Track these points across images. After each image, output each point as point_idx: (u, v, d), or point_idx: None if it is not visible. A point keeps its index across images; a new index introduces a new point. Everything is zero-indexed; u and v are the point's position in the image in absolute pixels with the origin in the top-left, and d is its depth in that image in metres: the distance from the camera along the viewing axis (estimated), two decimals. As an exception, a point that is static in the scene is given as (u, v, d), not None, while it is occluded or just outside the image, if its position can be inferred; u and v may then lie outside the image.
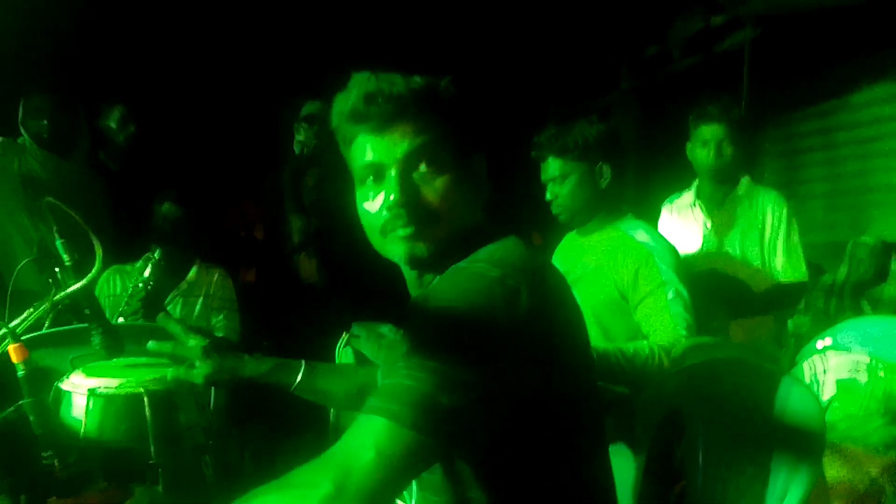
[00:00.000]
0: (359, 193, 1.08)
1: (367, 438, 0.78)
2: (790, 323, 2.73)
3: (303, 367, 1.41)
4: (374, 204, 1.04)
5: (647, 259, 1.88)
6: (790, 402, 1.16)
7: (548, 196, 2.02)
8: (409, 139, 1.01)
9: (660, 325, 1.81)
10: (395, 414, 0.79)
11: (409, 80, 1.02)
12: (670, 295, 1.83)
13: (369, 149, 1.03)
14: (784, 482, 1.13)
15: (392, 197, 1.00)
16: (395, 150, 1.01)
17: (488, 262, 0.93)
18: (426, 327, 0.89)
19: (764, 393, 1.24)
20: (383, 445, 0.77)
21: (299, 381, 1.40)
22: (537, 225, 3.11)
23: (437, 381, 0.81)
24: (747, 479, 1.23)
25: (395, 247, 1.04)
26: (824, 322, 2.68)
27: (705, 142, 2.45)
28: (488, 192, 1.12)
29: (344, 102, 1.04)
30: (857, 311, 2.64)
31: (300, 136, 3.28)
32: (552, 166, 1.98)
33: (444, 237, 1.02)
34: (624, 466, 1.44)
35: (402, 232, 1.01)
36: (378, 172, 1.03)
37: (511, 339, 0.88)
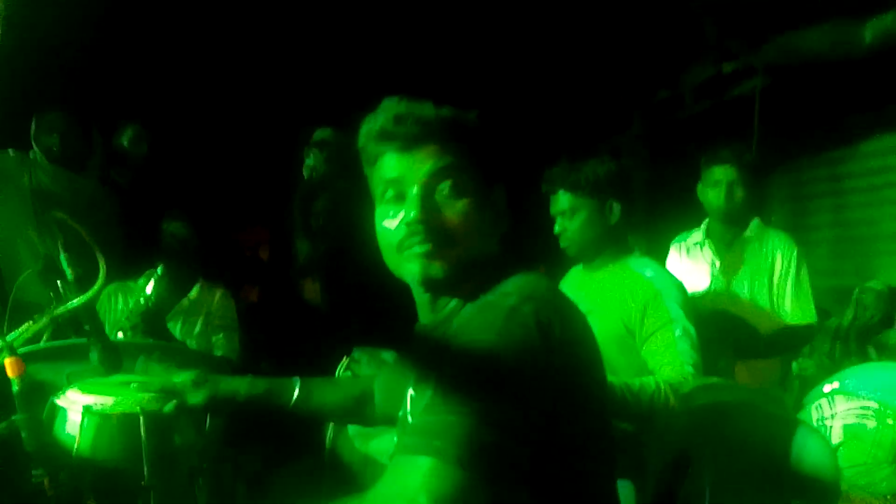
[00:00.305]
0: (378, 211, 1.08)
1: (416, 481, 0.76)
2: (794, 365, 2.70)
3: (298, 384, 1.40)
4: (392, 221, 1.05)
5: (655, 296, 1.86)
6: (805, 451, 1.14)
7: (556, 229, 2.02)
8: (433, 159, 1.02)
9: (667, 362, 1.79)
10: (438, 450, 0.77)
11: (439, 108, 1.04)
12: (678, 332, 1.81)
13: (393, 166, 1.04)
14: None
15: (412, 214, 1.01)
16: (419, 168, 1.02)
17: (519, 295, 0.93)
18: (464, 363, 0.88)
19: (776, 439, 1.21)
20: (435, 488, 0.76)
21: (296, 398, 1.39)
22: (542, 258, 3.10)
23: (481, 418, 0.80)
24: (753, 527, 1.20)
25: (410, 265, 1.03)
26: (828, 366, 2.65)
27: (716, 183, 2.46)
28: (507, 225, 1.12)
29: (373, 122, 1.06)
30: (863, 356, 2.61)
31: (310, 161, 3.30)
32: (563, 200, 1.98)
33: (459, 260, 1.02)
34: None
35: (418, 249, 1.01)
36: (400, 190, 1.04)
37: (546, 374, 0.88)
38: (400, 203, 1.04)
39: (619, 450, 1.58)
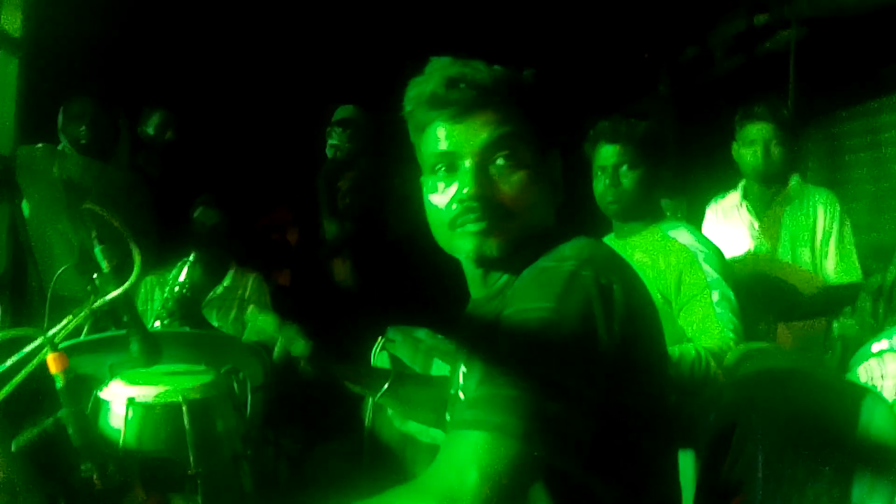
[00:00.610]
0: (427, 184, 1.02)
1: (467, 456, 0.74)
2: (835, 325, 2.63)
3: (390, 380, 1.37)
4: (443, 197, 0.99)
5: (691, 262, 1.82)
6: (866, 416, 1.10)
7: (608, 181, 1.94)
8: (489, 129, 0.96)
9: (706, 330, 1.75)
10: (497, 425, 0.74)
11: (492, 69, 0.97)
12: (716, 298, 1.77)
13: (444, 137, 0.97)
14: (858, 500, 1.07)
15: (466, 190, 0.95)
16: (473, 139, 0.96)
17: (578, 259, 0.88)
18: (521, 333, 0.84)
19: (832, 405, 1.17)
20: (487, 462, 0.73)
21: (384, 392, 1.38)
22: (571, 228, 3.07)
23: (542, 389, 0.77)
24: (813, 497, 1.16)
25: (463, 242, 0.99)
26: (871, 325, 2.58)
27: (752, 142, 2.39)
28: (562, 195, 1.06)
29: (422, 86, 0.99)
30: (906, 315, 2.53)
31: (333, 140, 3.28)
32: (624, 151, 1.92)
33: (516, 236, 0.97)
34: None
35: (472, 227, 0.96)
36: (451, 163, 0.98)
37: (609, 341, 0.84)
38: (451, 176, 0.98)
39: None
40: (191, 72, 3.77)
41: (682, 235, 1.90)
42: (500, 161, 0.96)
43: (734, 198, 2.56)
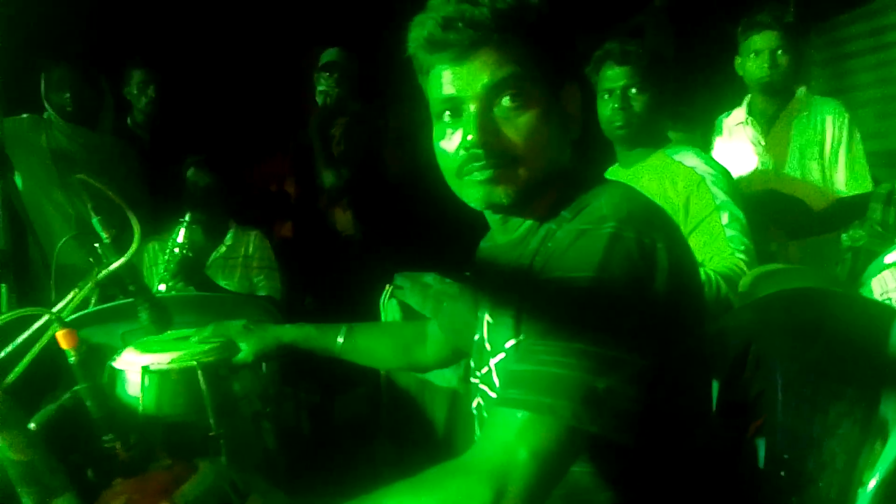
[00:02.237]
0: (435, 130, 0.97)
1: (519, 437, 0.72)
2: (844, 237, 2.60)
3: (343, 329, 1.38)
4: (450, 143, 0.94)
5: (699, 184, 1.78)
6: (885, 329, 1.08)
7: (616, 104, 1.87)
8: (490, 70, 0.89)
9: (716, 252, 1.72)
10: (550, 408, 0.72)
11: (494, 4, 0.88)
12: (725, 219, 1.74)
13: (447, 81, 0.92)
14: (883, 419, 1.06)
15: (470, 136, 0.90)
16: (475, 82, 0.90)
17: (617, 219, 0.83)
18: (564, 304, 0.80)
19: (850, 322, 1.16)
20: (539, 443, 0.72)
21: (342, 344, 1.38)
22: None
23: (589, 366, 0.74)
24: (835, 417, 1.16)
25: (471, 191, 0.95)
26: (881, 234, 2.55)
27: (758, 52, 2.31)
28: (579, 130, 1.00)
29: (420, 28, 0.92)
30: (918, 222, 2.50)
31: (321, 86, 3.19)
32: (633, 73, 1.85)
33: (526, 181, 0.92)
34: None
35: (479, 175, 0.92)
36: (456, 107, 0.93)
37: (657, 307, 0.80)
38: (457, 121, 0.93)
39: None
40: (172, 25, 3.65)
41: (689, 158, 1.85)
42: (505, 103, 0.91)
43: (739, 114, 2.50)
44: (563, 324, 0.78)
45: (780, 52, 2.29)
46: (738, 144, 2.49)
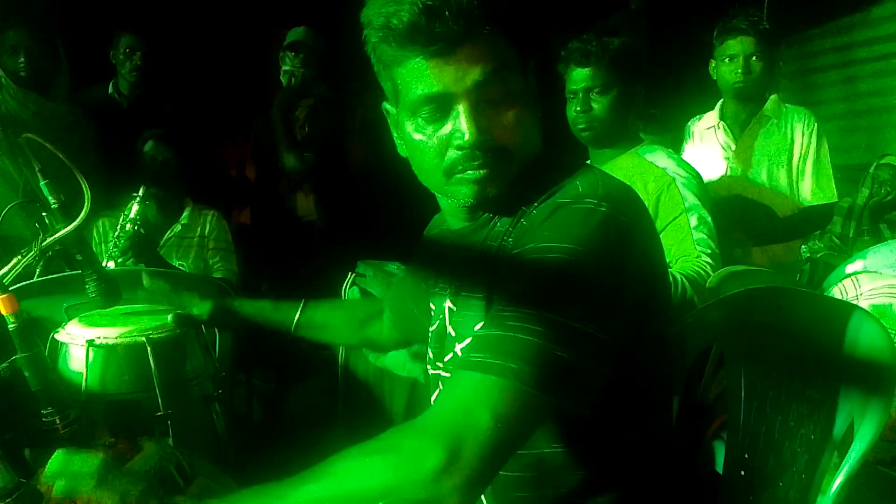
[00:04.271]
0: (410, 125, 0.91)
1: (478, 398, 0.70)
2: (804, 248, 2.65)
3: (300, 305, 1.35)
4: (434, 140, 0.89)
5: (670, 185, 1.78)
6: (849, 329, 1.07)
7: (578, 107, 1.86)
8: (480, 65, 0.84)
9: (683, 254, 1.73)
10: (514, 372, 0.70)
11: None
12: (693, 222, 1.74)
13: (429, 77, 0.85)
14: (846, 419, 1.06)
15: (467, 137, 0.85)
16: (464, 78, 0.84)
17: (593, 196, 0.82)
18: (534, 273, 0.79)
19: (815, 322, 1.15)
20: (500, 407, 0.69)
21: (298, 318, 1.34)
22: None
23: (557, 336, 0.72)
24: (797, 417, 1.16)
25: (463, 188, 0.90)
26: (839, 247, 2.60)
27: (732, 57, 2.32)
28: (540, 109, 0.97)
29: (392, 15, 0.83)
30: (876, 236, 2.56)
31: (286, 66, 3.11)
32: (595, 75, 1.83)
33: (514, 175, 0.90)
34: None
35: (474, 175, 0.88)
36: (441, 104, 0.87)
37: (628, 286, 0.80)
38: (441, 119, 0.87)
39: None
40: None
41: (661, 159, 1.85)
42: (493, 98, 0.87)
43: (710, 119, 2.52)
44: (534, 293, 0.77)
45: (754, 58, 2.31)
46: (708, 149, 2.50)
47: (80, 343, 1.22)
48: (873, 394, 1.03)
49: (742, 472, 1.26)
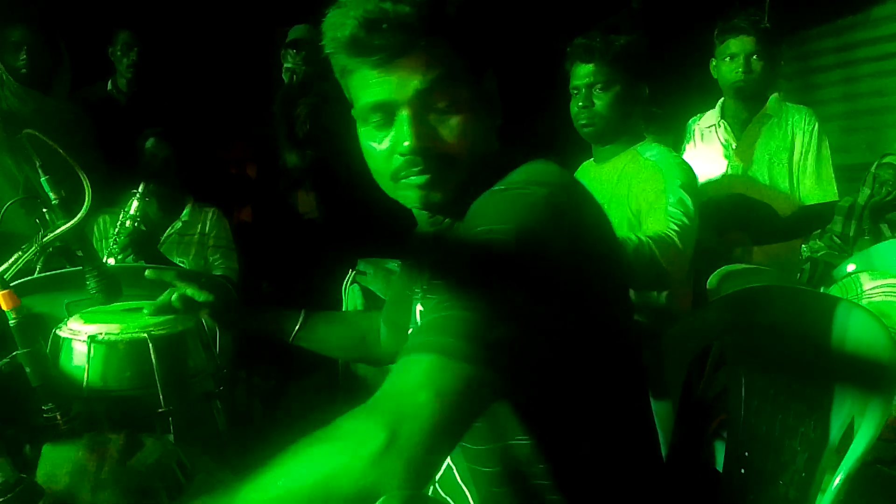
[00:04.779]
0: (362, 132, 0.95)
1: (417, 378, 0.69)
2: (804, 248, 2.65)
3: (300, 316, 1.35)
4: (381, 146, 0.93)
5: (654, 174, 1.79)
6: (849, 328, 1.08)
7: (581, 103, 1.87)
8: (421, 73, 0.87)
9: (652, 222, 1.72)
10: (448, 347, 0.70)
11: (415, 1, 0.86)
12: (671, 199, 1.73)
13: (374, 85, 0.89)
14: (846, 418, 1.06)
15: (406, 143, 0.89)
16: (405, 87, 0.88)
17: (528, 181, 0.84)
18: (471, 255, 0.80)
19: (816, 321, 1.15)
20: (438, 383, 0.69)
21: (298, 330, 1.35)
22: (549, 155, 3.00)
23: (491, 310, 0.73)
24: (797, 416, 1.16)
25: (408, 193, 0.94)
26: (840, 246, 2.61)
27: (733, 56, 2.33)
28: (501, 113, 1.00)
29: (339, 28, 0.88)
30: (877, 235, 2.56)
31: (288, 64, 3.11)
32: (598, 71, 1.84)
33: (460, 181, 0.93)
34: (657, 400, 1.38)
35: (416, 180, 0.92)
36: (385, 112, 0.91)
37: (560, 261, 0.80)
38: (387, 127, 0.92)
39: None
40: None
41: (650, 153, 1.86)
42: (436, 106, 0.90)
43: (711, 118, 2.52)
44: (465, 273, 0.79)
45: (754, 57, 2.31)
46: (709, 147, 2.51)
47: (82, 339, 1.22)
48: (873, 393, 1.03)
49: (742, 471, 1.26)
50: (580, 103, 1.87)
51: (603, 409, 0.95)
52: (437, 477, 1.06)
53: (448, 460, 1.03)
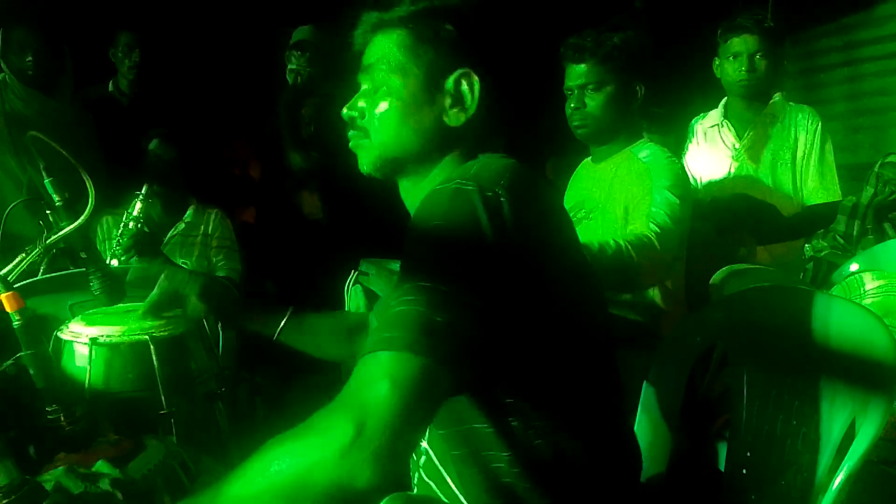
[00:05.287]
0: None
1: (375, 371, 0.73)
2: (807, 247, 2.64)
3: (287, 315, 1.35)
4: None
5: (642, 174, 1.78)
6: (851, 328, 1.07)
7: (573, 104, 1.87)
8: (367, 55, 1.07)
9: (635, 224, 1.72)
10: (394, 341, 0.74)
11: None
12: (656, 199, 1.72)
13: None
14: (848, 418, 1.06)
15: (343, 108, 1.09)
16: (362, 61, 1.08)
17: (463, 177, 0.87)
18: (410, 251, 0.84)
19: (818, 320, 1.15)
20: (394, 374, 0.72)
21: (282, 328, 1.35)
22: (549, 154, 3.01)
23: (428, 300, 0.76)
24: (799, 416, 1.16)
25: None
26: (843, 246, 2.60)
27: (736, 55, 2.32)
28: (467, 115, 1.03)
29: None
30: (880, 235, 2.55)
31: (292, 65, 3.12)
32: (589, 72, 1.83)
33: (379, 156, 1.06)
34: (660, 400, 1.38)
35: (350, 143, 1.10)
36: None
37: (496, 250, 0.83)
38: None
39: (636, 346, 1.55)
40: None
41: (643, 152, 1.85)
42: (369, 86, 1.06)
43: (714, 118, 2.51)
44: (407, 269, 0.82)
45: (758, 56, 2.31)
46: (712, 147, 2.50)
47: (83, 341, 1.22)
48: (875, 392, 1.03)
49: (744, 471, 1.26)
50: (573, 104, 1.87)
51: (562, 400, 0.95)
52: (421, 463, 1.08)
53: (426, 445, 1.06)
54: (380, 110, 1.03)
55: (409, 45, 1.02)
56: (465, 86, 1.02)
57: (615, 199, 1.83)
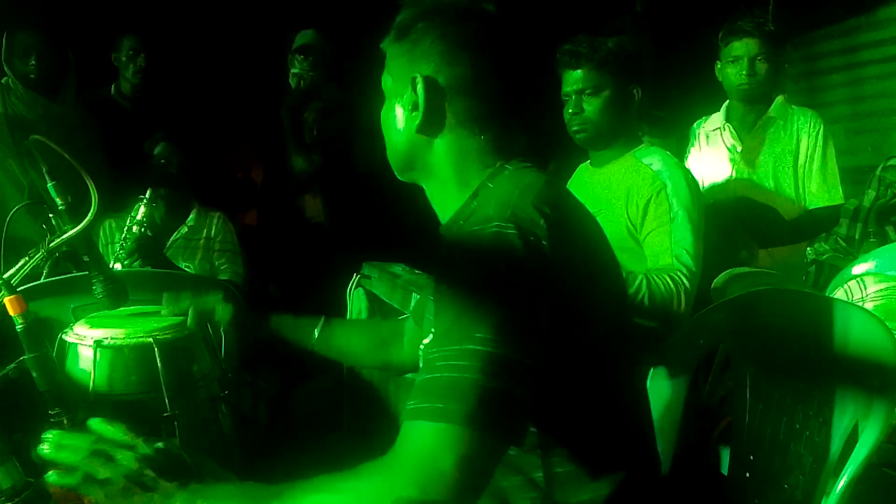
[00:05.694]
0: None
1: (436, 444, 0.72)
2: (809, 250, 2.64)
3: (320, 323, 1.36)
4: None
5: (660, 192, 1.76)
6: (854, 332, 1.07)
7: (571, 109, 1.87)
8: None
9: (660, 264, 1.72)
10: (452, 414, 0.72)
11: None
12: (678, 233, 1.72)
13: None
14: (850, 422, 1.06)
15: None
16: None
17: (500, 218, 0.84)
18: (452, 300, 0.80)
19: (821, 324, 1.15)
20: (458, 450, 0.71)
21: (317, 337, 1.36)
22: (550, 157, 3.00)
23: (482, 367, 0.73)
24: (802, 419, 1.16)
25: None
26: (845, 249, 2.60)
27: (737, 58, 2.32)
28: (421, 118, 1.01)
29: None
30: (882, 238, 2.55)
31: (295, 69, 3.12)
32: (586, 77, 1.83)
33: (396, 160, 1.08)
34: (663, 403, 1.38)
35: None
36: None
37: (543, 300, 0.80)
38: None
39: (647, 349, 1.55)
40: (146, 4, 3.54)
41: (655, 162, 1.83)
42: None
43: (716, 121, 2.51)
44: (454, 327, 0.78)
45: (759, 59, 2.31)
46: (713, 151, 2.50)
47: (87, 344, 1.22)
48: (877, 396, 1.03)
49: (748, 474, 1.26)
50: (570, 110, 1.87)
51: (593, 412, 0.94)
52: None
53: None
54: (383, 112, 1.08)
55: (401, 56, 1.04)
56: (419, 87, 1.00)
57: (619, 204, 1.83)
